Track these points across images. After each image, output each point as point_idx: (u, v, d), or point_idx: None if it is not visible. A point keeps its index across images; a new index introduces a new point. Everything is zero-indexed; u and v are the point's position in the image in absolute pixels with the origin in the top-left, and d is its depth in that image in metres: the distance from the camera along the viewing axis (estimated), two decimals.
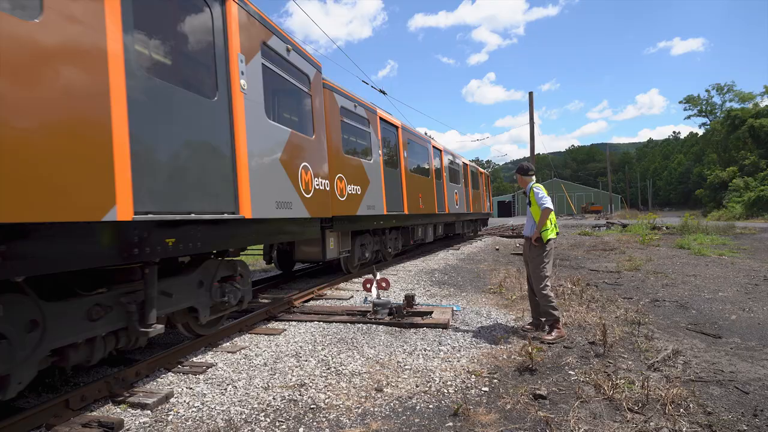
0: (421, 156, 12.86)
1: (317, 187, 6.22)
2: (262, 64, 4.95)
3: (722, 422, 2.87)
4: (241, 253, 5.53)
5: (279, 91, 5.75)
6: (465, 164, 18.51)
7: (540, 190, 4.94)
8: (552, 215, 4.89)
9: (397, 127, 11.09)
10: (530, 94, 27.99)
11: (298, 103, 6.30)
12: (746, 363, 3.94)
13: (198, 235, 3.76)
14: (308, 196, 5.86)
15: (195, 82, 4.11)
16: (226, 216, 4.11)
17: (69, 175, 2.62)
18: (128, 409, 3.23)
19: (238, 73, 4.40)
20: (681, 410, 3.01)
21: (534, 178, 5.17)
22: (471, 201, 18.96)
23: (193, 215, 3.64)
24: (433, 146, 14.10)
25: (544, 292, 4.76)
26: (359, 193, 8.32)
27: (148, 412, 3.19)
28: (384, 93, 14.13)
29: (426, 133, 14.53)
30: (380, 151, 9.63)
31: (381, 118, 9.96)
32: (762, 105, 46.17)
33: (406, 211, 10.76)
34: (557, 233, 5.06)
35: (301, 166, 5.75)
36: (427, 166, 13.24)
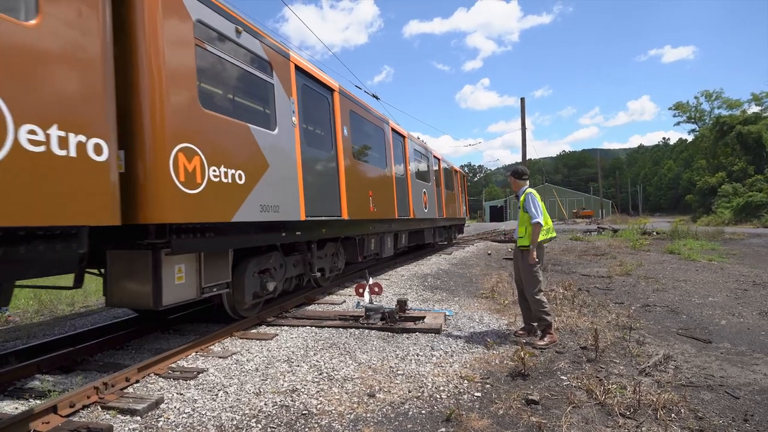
0: (374, 140, 9.58)
1: (31, 147, 2.68)
2: None
3: (713, 427, 2.89)
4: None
5: None
6: (437, 159, 15.26)
7: (534, 197, 4.85)
8: (548, 218, 4.89)
9: (332, 91, 7.51)
10: (522, 100, 28.21)
11: None
12: (736, 368, 3.98)
13: None
14: None
15: None
16: None
17: None
18: (117, 416, 3.19)
19: None
20: (672, 415, 3.03)
21: (528, 182, 5.18)
22: (444, 204, 15.70)
23: None
24: (394, 130, 10.84)
25: (537, 297, 4.77)
26: (240, 182, 4.87)
27: (138, 418, 3.15)
28: (377, 98, 14.15)
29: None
30: (295, 119, 6.11)
31: (298, 68, 6.40)
32: (749, 112, 47.04)
33: (345, 216, 7.46)
34: (551, 237, 4.97)
35: None
36: (383, 155, 9.96)
